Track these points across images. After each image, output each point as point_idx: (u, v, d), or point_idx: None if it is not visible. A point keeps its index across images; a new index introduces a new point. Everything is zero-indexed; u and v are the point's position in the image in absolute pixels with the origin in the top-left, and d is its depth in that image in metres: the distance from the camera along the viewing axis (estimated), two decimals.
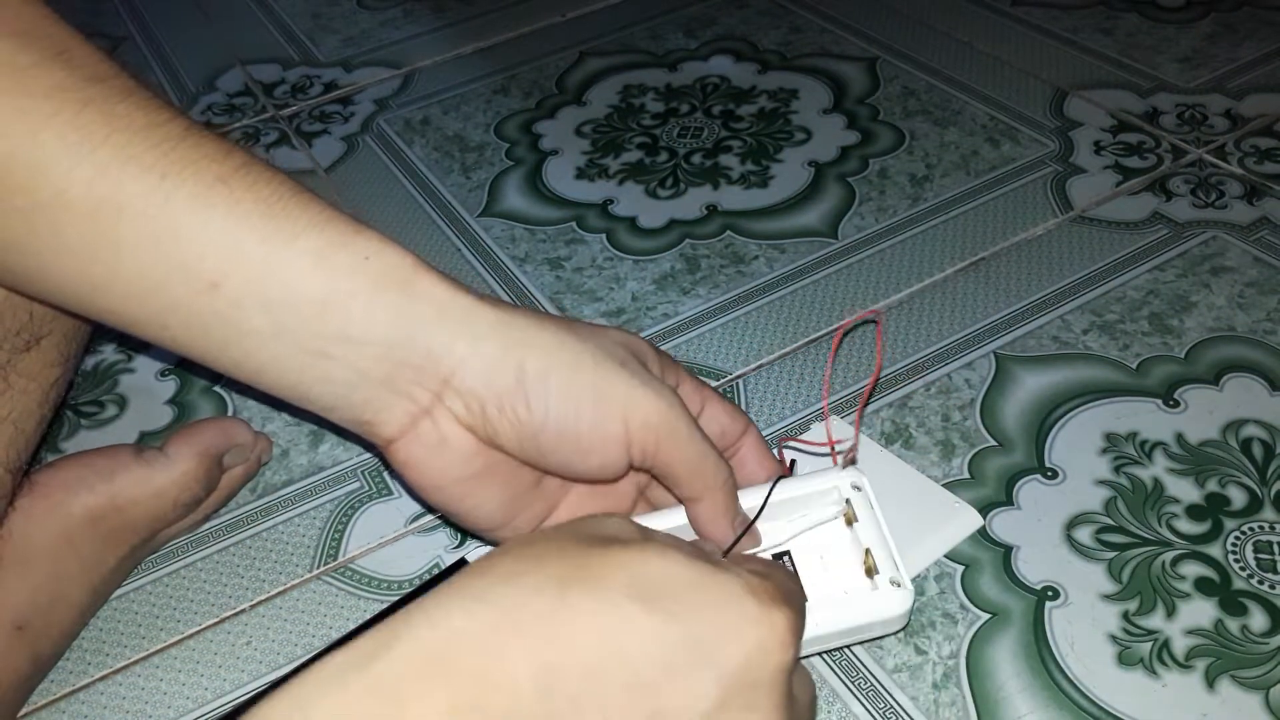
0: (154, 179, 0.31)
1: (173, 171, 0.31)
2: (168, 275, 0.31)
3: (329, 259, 0.32)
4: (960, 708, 0.40)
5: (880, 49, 0.81)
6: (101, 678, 0.44)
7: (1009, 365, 0.54)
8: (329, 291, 0.32)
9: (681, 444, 0.34)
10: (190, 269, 0.31)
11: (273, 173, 0.33)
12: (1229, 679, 0.40)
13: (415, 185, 0.71)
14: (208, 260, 0.31)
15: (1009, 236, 0.63)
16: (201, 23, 0.94)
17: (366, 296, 0.32)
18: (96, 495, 0.44)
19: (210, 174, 0.31)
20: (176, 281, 0.31)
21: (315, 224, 0.32)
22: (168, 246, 0.31)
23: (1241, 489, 0.47)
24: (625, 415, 0.33)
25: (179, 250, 0.31)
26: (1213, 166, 0.67)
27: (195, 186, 0.31)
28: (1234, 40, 0.79)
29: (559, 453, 0.34)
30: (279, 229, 0.32)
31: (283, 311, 0.32)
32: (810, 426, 0.52)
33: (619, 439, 0.33)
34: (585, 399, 0.33)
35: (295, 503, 0.51)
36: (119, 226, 0.31)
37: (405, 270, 0.33)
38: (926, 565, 0.45)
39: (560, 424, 0.33)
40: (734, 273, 0.62)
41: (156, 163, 0.31)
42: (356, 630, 0.43)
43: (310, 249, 0.32)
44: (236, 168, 0.32)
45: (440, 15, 0.92)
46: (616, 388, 0.33)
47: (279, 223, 0.32)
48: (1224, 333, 0.55)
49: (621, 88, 0.79)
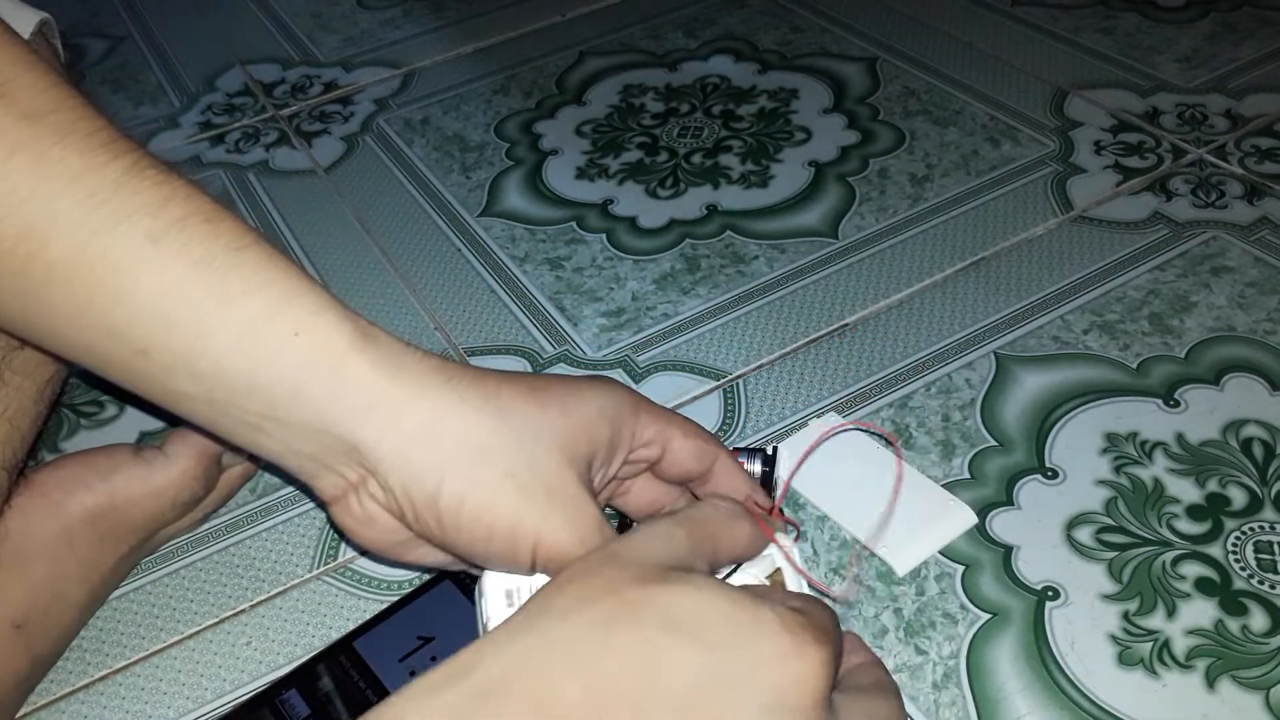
0: (83, 237, 0.29)
1: (103, 229, 0.29)
2: (100, 337, 0.31)
3: (256, 334, 0.30)
4: (960, 708, 0.40)
5: (880, 49, 0.81)
6: (101, 678, 0.44)
7: (1009, 365, 0.54)
8: (254, 372, 0.30)
9: None
10: (120, 334, 0.30)
11: (213, 225, 0.31)
12: (1229, 679, 0.40)
13: (415, 185, 0.71)
14: (136, 328, 0.30)
15: (1009, 236, 0.63)
16: (200, 22, 0.94)
17: (293, 381, 0.31)
18: (95, 494, 0.44)
19: (141, 232, 0.30)
20: (109, 343, 0.31)
21: (248, 289, 0.30)
22: (98, 309, 0.30)
23: (1242, 489, 0.47)
24: (533, 544, 0.32)
25: (108, 315, 0.30)
26: (1213, 166, 0.67)
27: (125, 247, 0.30)
28: (1234, 40, 0.79)
29: (470, 558, 0.34)
30: (208, 295, 0.30)
31: (212, 384, 0.31)
32: (808, 423, 0.52)
33: (525, 561, 0.33)
34: (500, 526, 0.32)
35: (295, 503, 0.51)
36: (49, 286, 0.30)
37: (338, 350, 0.31)
38: (920, 561, 0.45)
39: (470, 544, 0.33)
40: (734, 273, 0.62)
41: (86, 219, 0.29)
42: (356, 630, 0.43)
43: (239, 321, 0.30)
44: (171, 223, 0.30)
45: (440, 15, 0.92)
46: (530, 518, 0.32)
47: (209, 287, 0.30)
48: (1224, 333, 0.55)
49: (621, 88, 0.79)
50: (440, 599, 0.44)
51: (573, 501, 0.33)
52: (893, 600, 0.44)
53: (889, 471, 0.49)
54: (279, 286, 0.31)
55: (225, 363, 0.30)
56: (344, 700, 0.40)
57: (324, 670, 0.42)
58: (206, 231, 0.30)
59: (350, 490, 0.33)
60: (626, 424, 0.35)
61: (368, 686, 0.40)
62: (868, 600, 0.44)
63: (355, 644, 0.42)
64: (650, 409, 0.37)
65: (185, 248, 0.30)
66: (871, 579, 0.45)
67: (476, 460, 0.32)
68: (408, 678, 0.40)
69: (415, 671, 0.41)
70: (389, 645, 0.42)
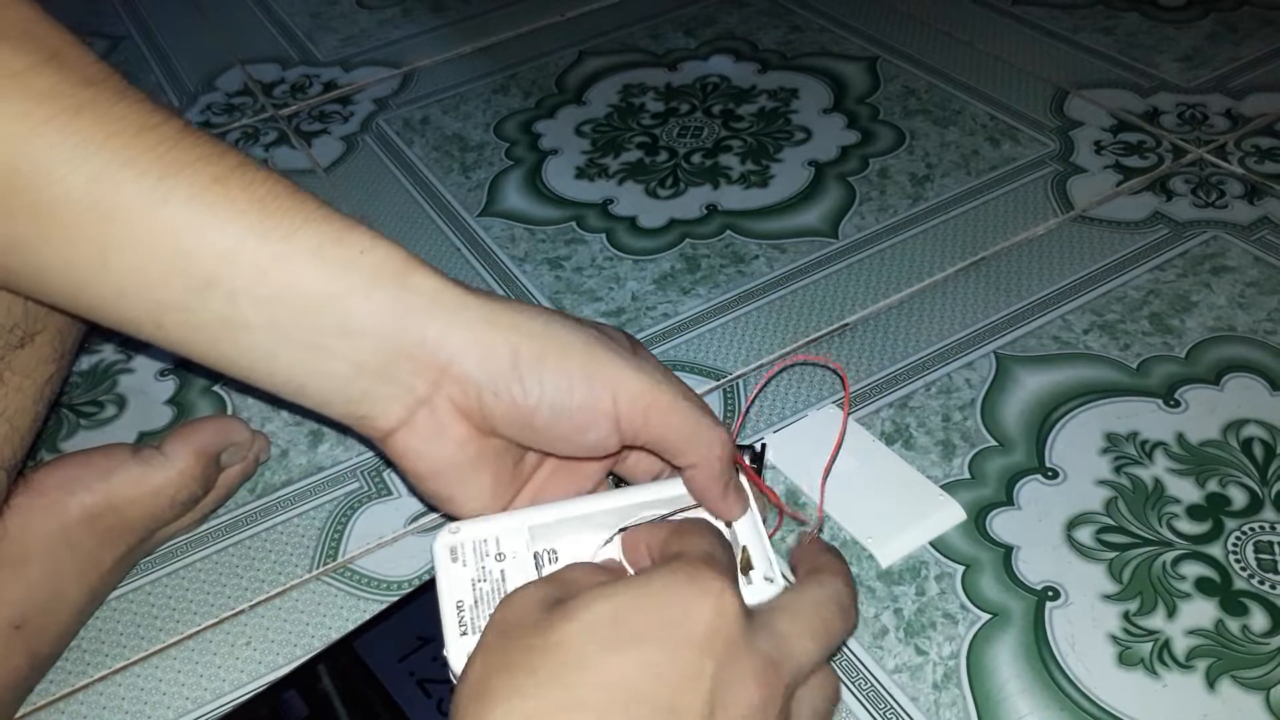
0: (151, 181, 0.31)
1: (170, 173, 0.31)
2: (164, 274, 0.32)
3: (324, 254, 0.33)
4: (960, 708, 0.40)
5: (880, 48, 0.81)
6: (101, 678, 0.44)
7: (1009, 365, 0.54)
8: (325, 286, 0.33)
9: (669, 415, 0.35)
10: (186, 267, 0.32)
11: (267, 173, 0.33)
12: (1229, 679, 0.40)
13: (415, 185, 0.71)
14: (204, 259, 0.32)
15: (1009, 236, 0.63)
16: (200, 22, 0.94)
17: (363, 291, 0.33)
18: (94, 494, 0.44)
19: (206, 175, 0.32)
20: (173, 280, 0.32)
21: (310, 221, 0.33)
22: (165, 246, 0.32)
23: (1242, 489, 0.47)
24: (614, 392, 0.34)
25: (176, 249, 0.32)
26: (1213, 166, 0.67)
27: (192, 188, 0.32)
28: (1234, 40, 0.79)
29: (553, 430, 0.35)
30: (275, 226, 0.32)
31: (279, 307, 0.33)
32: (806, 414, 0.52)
33: (609, 415, 0.35)
34: (577, 379, 0.34)
35: (295, 503, 0.51)
36: (117, 228, 0.31)
37: (399, 263, 0.34)
38: (906, 554, 0.46)
39: (554, 403, 0.34)
40: (734, 272, 0.62)
41: (153, 165, 0.31)
42: (355, 630, 0.43)
43: (306, 245, 0.32)
44: (232, 168, 0.32)
45: (440, 15, 0.92)
46: (605, 368, 0.34)
47: (275, 220, 0.32)
48: (1225, 333, 0.55)
49: (621, 87, 0.79)
50: None
51: (632, 355, 0.36)
52: (893, 600, 0.44)
53: (884, 465, 0.49)
54: (338, 219, 0.34)
55: (295, 281, 0.32)
56: (343, 701, 0.40)
57: (323, 671, 0.42)
58: (264, 175, 0.33)
59: (419, 405, 0.35)
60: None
61: (367, 687, 0.40)
62: (868, 600, 0.44)
63: (354, 644, 0.42)
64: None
65: (248, 188, 0.32)
66: (872, 579, 0.45)
67: (545, 328, 0.35)
68: (407, 678, 0.40)
69: (414, 672, 0.41)
70: (388, 646, 0.42)
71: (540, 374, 0.34)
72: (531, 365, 0.34)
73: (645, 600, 0.29)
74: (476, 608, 0.35)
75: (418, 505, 0.50)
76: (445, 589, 0.35)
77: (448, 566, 0.36)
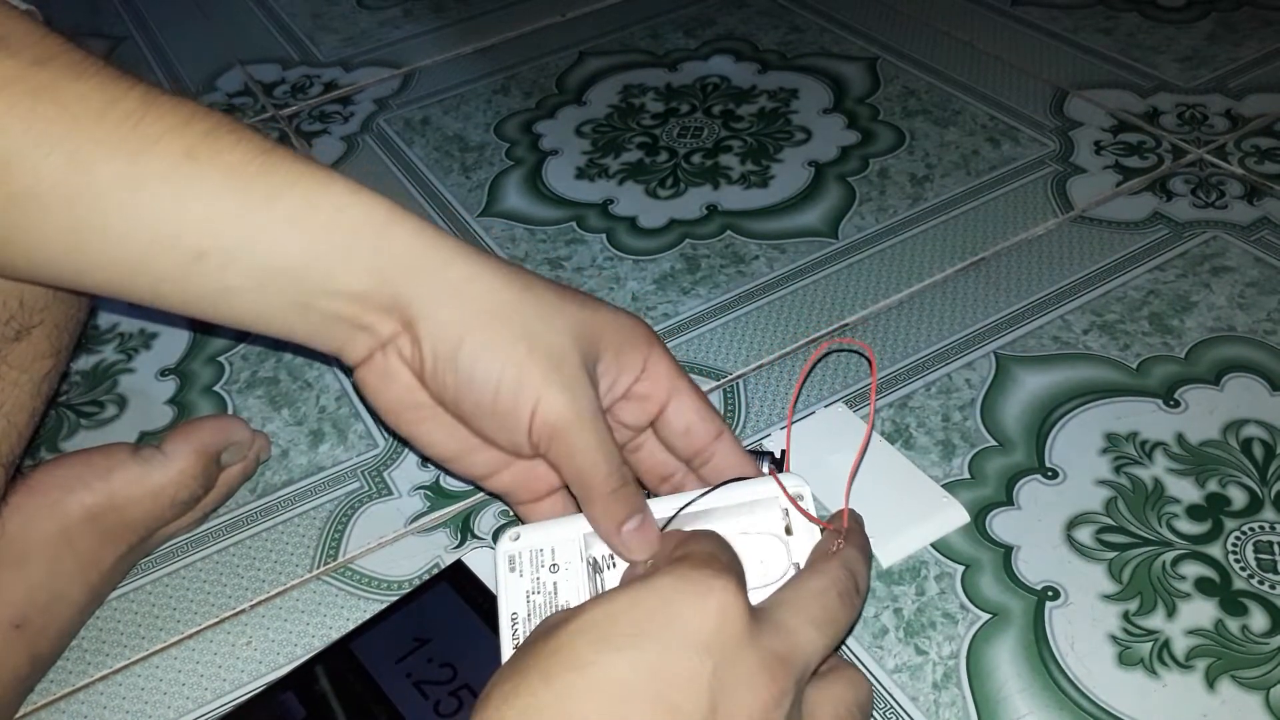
0: (123, 162, 0.32)
1: (140, 150, 0.32)
2: (153, 252, 0.33)
3: (305, 219, 0.33)
4: (960, 708, 0.40)
5: (880, 49, 0.81)
6: (101, 678, 0.44)
7: (1009, 365, 0.54)
8: (308, 251, 0.34)
9: (571, 450, 0.35)
10: (174, 244, 0.33)
11: (237, 134, 0.34)
12: (1229, 679, 0.40)
13: (415, 185, 0.71)
14: (189, 235, 0.33)
15: (1009, 236, 0.63)
16: (200, 22, 0.94)
17: (343, 253, 0.34)
18: (94, 493, 0.44)
19: (177, 149, 0.32)
20: (162, 255, 0.33)
21: (287, 182, 0.33)
22: (148, 225, 0.32)
23: (1242, 489, 0.47)
24: (533, 407, 0.35)
25: (160, 228, 0.32)
26: (1213, 166, 0.67)
27: (164, 164, 0.32)
28: (1234, 40, 0.79)
29: (474, 421, 0.36)
30: (252, 194, 0.33)
31: (267, 274, 0.34)
32: (815, 411, 0.52)
33: (523, 426, 0.35)
34: (505, 382, 0.35)
35: (295, 503, 0.51)
36: (98, 212, 0.32)
37: (379, 219, 0.34)
38: (907, 554, 0.46)
39: (478, 400, 0.35)
40: (734, 273, 0.62)
41: (123, 143, 0.32)
42: (352, 631, 0.43)
43: (286, 212, 0.33)
44: (202, 136, 0.33)
45: (440, 15, 0.92)
46: (534, 379, 0.35)
47: (252, 187, 0.33)
48: (1224, 333, 0.55)
49: (621, 88, 0.79)
50: (437, 601, 0.44)
51: (575, 378, 0.35)
52: (893, 600, 0.44)
53: (889, 465, 0.48)
54: (313, 177, 0.34)
55: (279, 250, 0.33)
56: (340, 702, 0.40)
57: (320, 672, 0.42)
58: (234, 140, 0.33)
59: (379, 349, 0.36)
60: (639, 350, 0.38)
61: (364, 688, 0.40)
62: (868, 600, 0.44)
63: (352, 646, 0.42)
64: (666, 356, 0.39)
65: (220, 156, 0.33)
66: (871, 579, 0.45)
67: (497, 322, 0.35)
68: (404, 679, 0.40)
69: (411, 673, 0.41)
70: (385, 647, 0.42)
71: (473, 369, 0.35)
72: (470, 357, 0.35)
73: (646, 600, 0.29)
74: (529, 620, 0.35)
75: (418, 505, 0.50)
76: (503, 601, 0.35)
77: (506, 577, 0.36)
